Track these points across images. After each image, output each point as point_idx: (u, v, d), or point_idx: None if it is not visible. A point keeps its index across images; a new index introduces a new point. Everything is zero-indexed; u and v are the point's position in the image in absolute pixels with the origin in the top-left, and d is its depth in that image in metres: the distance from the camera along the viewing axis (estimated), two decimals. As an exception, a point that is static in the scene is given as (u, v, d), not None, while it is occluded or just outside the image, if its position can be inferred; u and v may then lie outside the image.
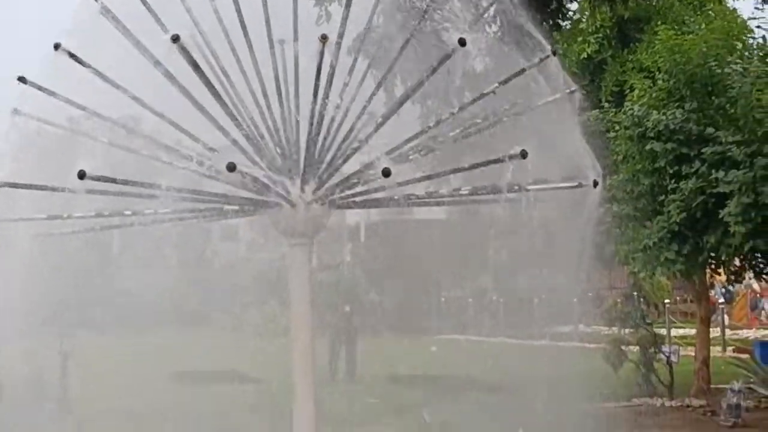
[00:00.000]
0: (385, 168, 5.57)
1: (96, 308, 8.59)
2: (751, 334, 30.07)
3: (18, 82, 6.05)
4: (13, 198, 6.43)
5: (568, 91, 6.49)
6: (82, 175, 5.36)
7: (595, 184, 6.25)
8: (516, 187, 6.06)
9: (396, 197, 6.49)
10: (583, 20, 20.77)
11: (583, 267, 7.35)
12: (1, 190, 6.18)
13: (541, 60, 6.27)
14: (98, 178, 5.50)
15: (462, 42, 5.59)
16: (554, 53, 6.37)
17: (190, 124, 6.19)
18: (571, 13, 16.57)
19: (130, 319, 8.90)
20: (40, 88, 6.03)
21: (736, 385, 17.19)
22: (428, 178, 6.27)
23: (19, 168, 6.42)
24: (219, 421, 11.51)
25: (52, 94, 6.06)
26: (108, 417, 10.54)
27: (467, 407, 14.53)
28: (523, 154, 5.53)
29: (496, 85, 6.17)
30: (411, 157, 6.33)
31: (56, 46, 5.92)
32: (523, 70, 6.21)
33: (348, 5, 6.11)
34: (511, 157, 5.62)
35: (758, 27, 19.05)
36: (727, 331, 30.63)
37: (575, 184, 6.26)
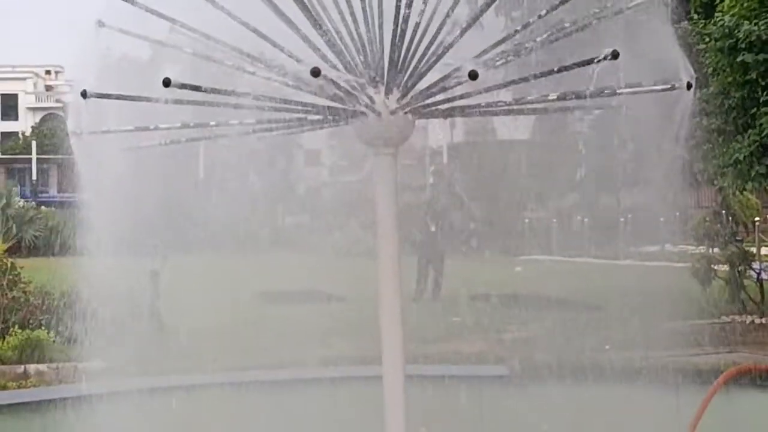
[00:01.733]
0: (472, 70, 5.49)
1: (184, 228, 8.68)
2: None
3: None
4: (100, 113, 6.47)
5: (660, -8, 6.31)
6: (167, 83, 5.36)
7: (689, 86, 6.09)
8: (606, 91, 5.93)
9: (482, 104, 6.41)
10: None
11: (672, 183, 7.24)
12: (89, 104, 6.22)
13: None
14: (183, 86, 5.50)
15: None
16: (646, -50, 6.19)
17: (272, 37, 6.16)
18: None
19: (217, 239, 9.01)
20: (124, -1, 6.03)
21: (830, 302, 17.00)
22: (515, 82, 6.16)
23: (103, 85, 6.45)
24: (304, 339, 11.62)
25: (140, 6, 6.05)
26: (197, 334, 10.70)
27: (552, 325, 14.54)
28: (615, 55, 5.39)
29: (586, -15, 6.03)
30: (498, 64, 6.20)
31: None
32: (612, -30, 6.05)
33: None
34: (602, 59, 5.49)
35: None
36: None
37: (669, 86, 6.11)
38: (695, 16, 18.26)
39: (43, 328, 15.55)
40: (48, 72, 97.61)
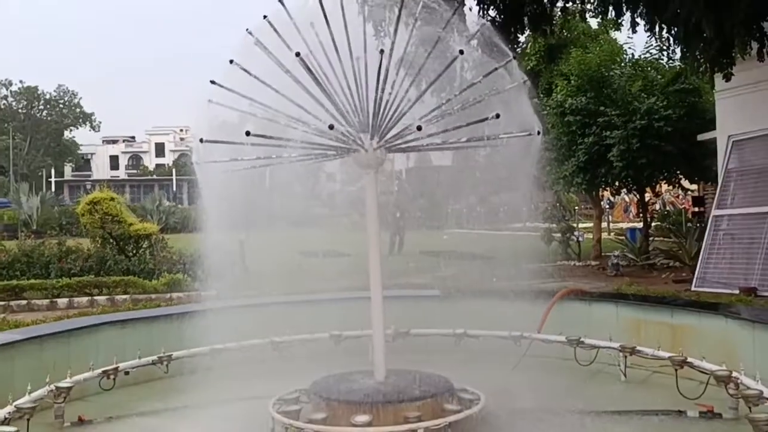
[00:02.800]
0: (419, 125, 5.48)
1: (258, 216, 8.60)
2: (624, 225, 29.94)
3: (210, 83, 5.97)
4: (210, 151, 6.40)
5: (523, 81, 6.30)
6: (248, 133, 5.34)
7: (539, 133, 6.09)
8: (493, 137, 5.93)
9: (425, 144, 6.39)
10: (528, 46, 20.57)
11: (530, 188, 7.25)
12: (205, 145, 6.18)
13: (507, 62, 6.07)
14: (257, 135, 5.46)
15: (461, 51, 5.43)
16: (515, 58, 6.16)
17: (306, 107, 6.10)
18: (521, 40, 16.12)
19: (277, 222, 8.92)
20: (223, 86, 5.96)
21: (616, 253, 17.12)
22: (445, 131, 6.14)
23: (212, 135, 6.38)
24: (326, 277, 11.59)
25: (232, 91, 5.98)
26: (267, 275, 10.62)
27: (464, 267, 14.54)
28: (497, 116, 5.39)
29: (481, 78, 6.01)
30: (433, 122, 6.18)
31: (231, 61, 5.84)
32: (496, 69, 6.03)
33: (394, 35, 5.93)
34: (491, 118, 5.48)
35: (629, 48, 18.57)
36: (611, 224, 30.61)
37: (528, 133, 6.11)
38: (541, 96, 18.35)
39: (180, 273, 15.48)
40: (182, 130, 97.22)
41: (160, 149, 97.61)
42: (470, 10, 11.53)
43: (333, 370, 6.91)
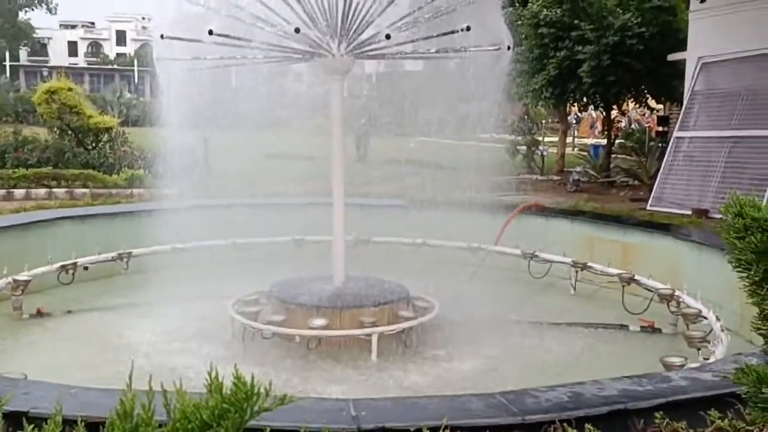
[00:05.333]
0: (387, 33, 5.33)
1: (222, 115, 8.41)
2: (589, 141, 30.17)
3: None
4: (171, 48, 6.17)
5: (497, -9, 6.12)
6: (210, 32, 5.13)
7: (509, 48, 6.00)
8: (463, 48, 5.82)
9: (393, 53, 6.26)
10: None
11: (498, 99, 7.20)
12: (165, 42, 5.93)
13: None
14: (219, 35, 5.25)
15: (436, -42, 5.24)
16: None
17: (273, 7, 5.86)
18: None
19: (241, 122, 8.74)
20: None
21: (578, 169, 17.36)
22: (413, 41, 6.00)
23: (174, 31, 6.12)
24: (292, 179, 11.54)
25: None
26: (229, 174, 10.53)
27: (429, 177, 14.57)
28: (468, 28, 5.27)
29: (455, -14, 5.82)
30: (403, 30, 6.02)
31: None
32: (471, -23, 5.83)
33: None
34: (461, 30, 5.35)
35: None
36: (576, 140, 30.85)
37: (497, 47, 6.01)
38: (516, 4, 17.87)
39: (141, 169, 15.22)
40: (143, 18, 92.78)
41: (121, 37, 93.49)
42: None
43: (293, 274, 7.02)
